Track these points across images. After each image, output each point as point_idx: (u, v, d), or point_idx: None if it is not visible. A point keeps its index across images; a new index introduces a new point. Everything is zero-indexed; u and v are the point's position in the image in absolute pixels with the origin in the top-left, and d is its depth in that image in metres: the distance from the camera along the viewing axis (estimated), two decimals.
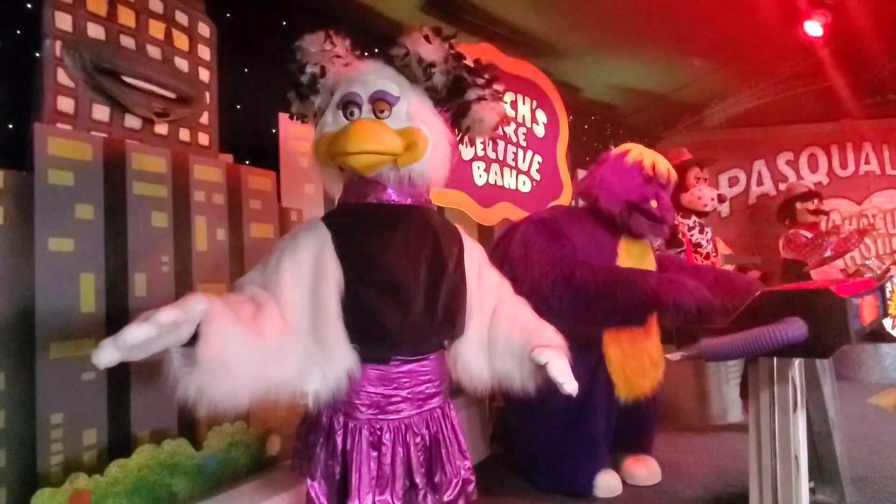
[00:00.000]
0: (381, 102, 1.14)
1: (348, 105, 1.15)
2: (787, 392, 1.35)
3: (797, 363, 1.36)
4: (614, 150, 1.97)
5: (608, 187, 1.86)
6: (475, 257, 1.28)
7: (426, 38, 1.15)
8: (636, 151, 1.91)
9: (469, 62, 1.18)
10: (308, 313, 1.07)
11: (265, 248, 1.70)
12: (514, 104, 2.78)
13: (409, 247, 1.15)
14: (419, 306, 1.13)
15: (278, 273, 1.08)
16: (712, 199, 2.82)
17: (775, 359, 1.36)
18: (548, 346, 1.13)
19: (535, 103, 2.87)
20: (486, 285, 1.27)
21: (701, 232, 2.89)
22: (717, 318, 1.62)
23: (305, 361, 1.05)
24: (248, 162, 1.89)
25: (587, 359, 1.78)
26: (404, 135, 1.14)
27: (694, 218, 2.89)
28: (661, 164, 1.92)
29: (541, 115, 2.92)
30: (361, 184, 1.18)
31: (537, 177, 2.85)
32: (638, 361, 1.86)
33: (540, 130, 2.91)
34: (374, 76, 1.16)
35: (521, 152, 2.79)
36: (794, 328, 1.20)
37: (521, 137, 2.80)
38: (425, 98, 1.19)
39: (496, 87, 1.21)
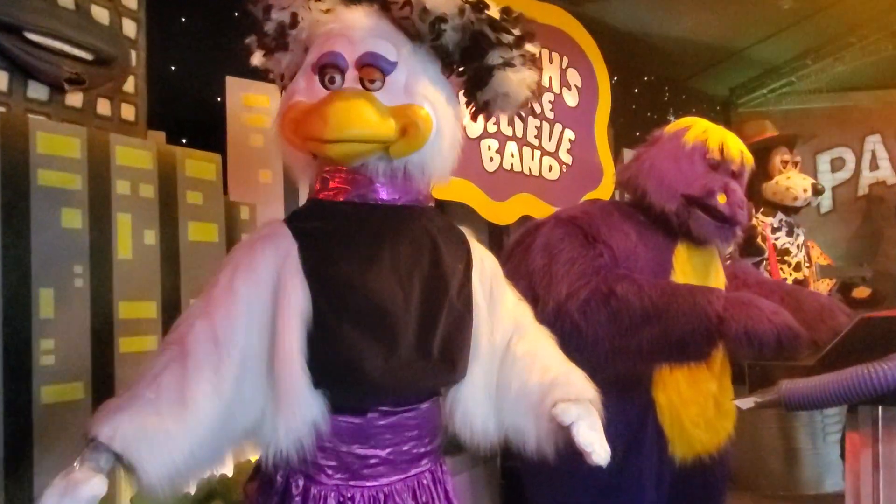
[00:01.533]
0: (371, 69, 1.14)
1: (327, 69, 1.15)
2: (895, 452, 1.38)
3: None
4: (670, 127, 1.99)
5: (660, 176, 1.87)
6: (487, 273, 1.30)
7: None
8: (698, 128, 1.93)
9: (493, 11, 1.18)
10: (266, 350, 1.10)
11: (207, 255, 1.79)
12: (536, 62, 2.76)
13: (401, 263, 1.16)
14: (409, 342, 1.14)
15: (230, 300, 1.10)
16: (805, 191, 2.87)
17: (880, 408, 1.39)
18: (575, 401, 1.16)
19: (565, 61, 2.93)
20: (499, 311, 1.30)
21: (790, 234, 2.93)
22: (805, 352, 1.66)
23: (262, 412, 1.09)
24: (185, 142, 1.96)
25: (630, 406, 1.81)
26: (400, 114, 1.14)
27: (780, 216, 2.93)
28: (733, 146, 1.93)
29: (573, 77, 2.96)
30: (340, 176, 1.19)
31: (568, 159, 2.90)
32: (700, 409, 1.87)
33: (572, 98, 2.95)
34: (363, 32, 1.17)
35: (546, 127, 2.82)
36: None
37: (547, 107, 2.84)
38: (430, 60, 1.20)
39: (529, 47, 1.21)
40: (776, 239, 2.89)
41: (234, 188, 2.00)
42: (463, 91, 1.25)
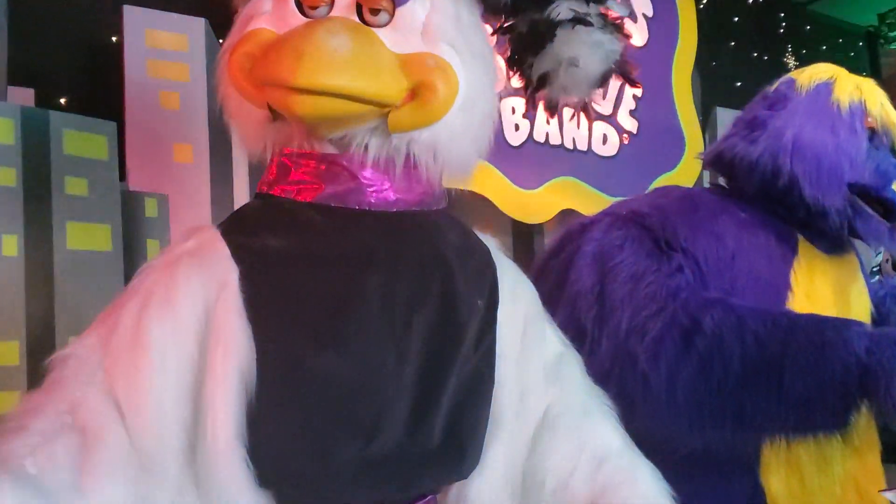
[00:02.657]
0: None
1: None
2: None
3: None
4: (802, 78, 2.00)
5: (817, 155, 1.88)
6: (518, 307, 1.29)
7: None
8: (846, 81, 1.97)
9: None
10: (189, 426, 1.09)
11: (95, 271, 1.81)
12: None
13: (396, 305, 1.15)
14: (399, 422, 1.15)
15: (137, 352, 1.08)
16: None
17: None
18: None
19: None
20: (533, 364, 1.29)
21: None
22: None
23: None
24: (63, 103, 1.99)
25: (730, 494, 1.82)
26: (412, 67, 1.14)
27: None
28: (891, 110, 1.97)
29: (641, 3, 3.00)
30: (308, 164, 1.19)
31: (632, 126, 2.94)
32: (832, 500, 1.89)
33: (639, 33, 2.98)
34: None
35: None
36: None
37: None
38: (466, 4, 1.22)
39: (616, 3, 1.23)
40: None
41: (136, 171, 2.04)
42: (509, 57, 1.26)
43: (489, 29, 1.21)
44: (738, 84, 3.83)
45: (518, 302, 1.29)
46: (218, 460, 1.07)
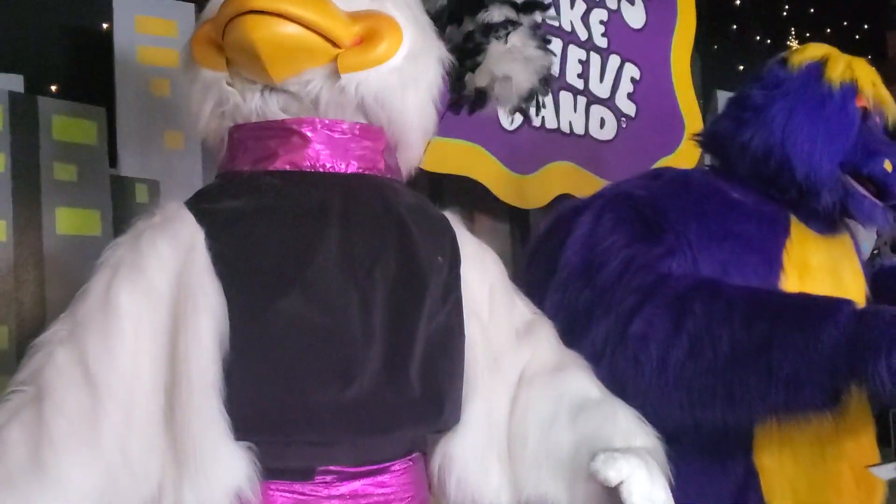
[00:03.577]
0: None
1: None
2: None
3: None
4: (795, 59, 2.03)
5: (809, 136, 1.91)
6: (485, 274, 1.39)
7: None
8: (838, 60, 1.99)
9: None
10: (165, 387, 1.16)
11: (85, 257, 1.81)
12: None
13: (355, 253, 1.23)
14: (373, 367, 1.21)
15: (109, 317, 1.15)
16: None
17: None
18: (623, 451, 1.21)
19: None
20: (504, 327, 1.39)
21: None
22: None
23: (159, 479, 1.14)
24: (54, 89, 2.00)
25: (721, 478, 1.85)
26: (359, 17, 1.25)
27: None
28: (883, 89, 2.00)
29: None
30: (263, 133, 1.28)
31: (630, 109, 2.94)
32: (826, 478, 1.89)
33: (637, 15, 3.00)
34: None
35: (596, 60, 2.86)
36: None
37: (598, 30, 2.89)
38: None
39: (544, 15, 1.33)
40: None
41: (127, 157, 2.05)
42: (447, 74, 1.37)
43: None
44: (741, 67, 3.84)
45: (485, 271, 1.38)
46: (194, 415, 1.12)
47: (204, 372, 1.14)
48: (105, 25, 2.14)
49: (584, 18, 2.86)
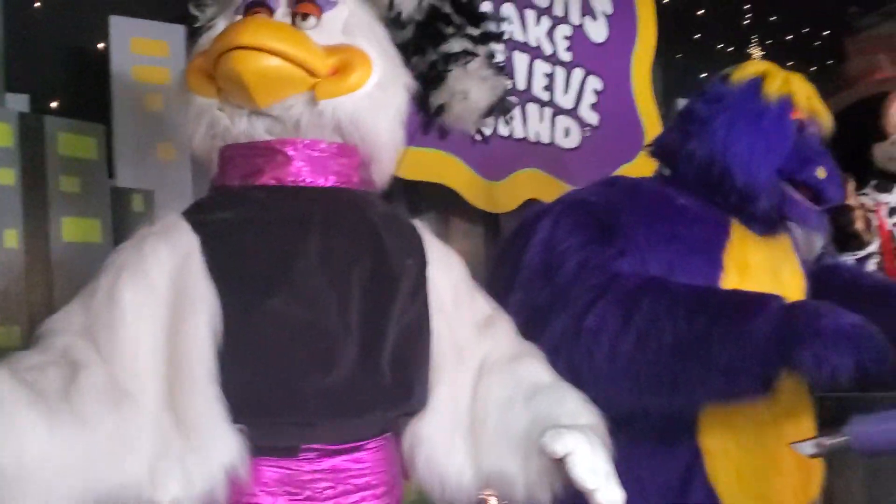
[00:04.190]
0: (305, 4, 1.40)
1: (253, 6, 1.40)
2: None
3: None
4: (735, 75, 2.14)
5: (748, 147, 2.02)
6: (450, 274, 1.51)
7: None
8: (777, 76, 2.10)
9: None
10: (164, 373, 1.28)
11: (88, 261, 1.92)
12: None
13: (333, 257, 1.35)
14: (351, 356, 1.32)
15: (114, 309, 1.27)
16: None
17: None
18: (568, 427, 1.32)
19: None
20: (466, 322, 1.51)
21: None
22: None
23: (158, 453, 1.24)
24: (55, 106, 2.15)
25: (669, 460, 1.96)
26: (334, 51, 1.39)
27: None
28: (818, 102, 2.12)
29: (601, 1, 3.12)
30: (250, 152, 1.41)
31: (593, 118, 3.06)
32: (767, 459, 1.98)
33: (599, 30, 3.12)
34: None
35: (561, 73, 2.97)
36: None
37: (563, 45, 3.00)
38: (379, 24, 1.47)
39: (496, 47, 1.47)
40: (894, 224, 3.00)
41: (124, 169, 2.17)
42: (413, 97, 1.50)
43: None
44: (702, 75, 3.92)
45: (450, 272, 1.51)
46: (194, 396, 1.25)
47: (202, 363, 1.25)
48: (102, 46, 2.25)
49: (550, 34, 2.97)
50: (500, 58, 1.52)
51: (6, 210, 1.87)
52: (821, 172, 2.04)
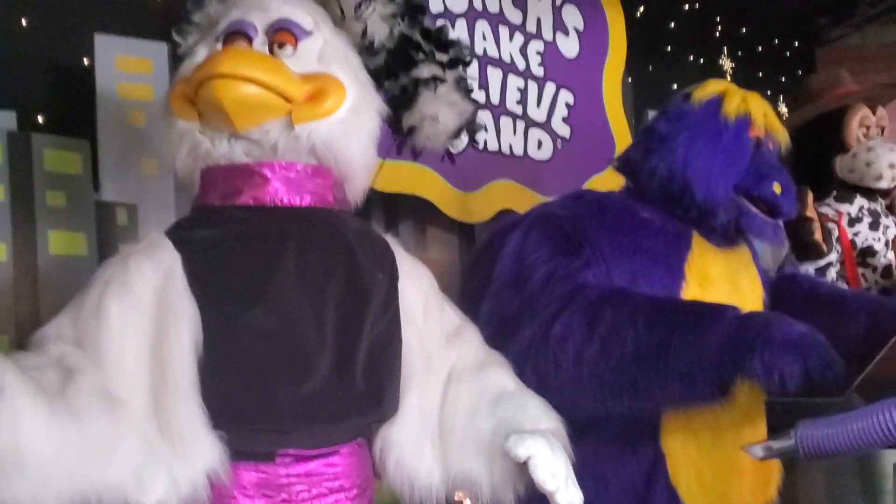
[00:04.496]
0: (282, 34, 1.48)
1: (233, 36, 1.49)
2: None
3: None
4: (695, 95, 2.22)
5: (707, 164, 2.09)
6: (419, 287, 1.60)
7: None
8: (735, 95, 2.18)
9: (430, 24, 1.55)
10: (148, 382, 1.33)
11: (73, 273, 1.99)
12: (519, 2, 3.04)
13: (309, 273, 1.42)
14: (326, 366, 1.40)
15: (100, 321, 1.33)
16: (892, 167, 2.97)
17: None
18: (531, 432, 1.40)
19: None
20: (435, 333, 1.59)
21: (874, 227, 3.04)
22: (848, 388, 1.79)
23: (144, 456, 1.29)
24: (41, 121, 2.16)
25: (632, 462, 2.02)
26: (310, 79, 1.46)
27: (860, 202, 3.05)
28: (775, 119, 2.22)
29: (571, 17, 3.21)
30: (229, 174, 1.49)
31: (565, 131, 3.13)
32: (726, 461, 2.05)
33: (570, 45, 3.20)
34: (279, 2, 1.51)
35: (533, 88, 3.05)
36: None
37: (535, 60, 3.08)
38: (353, 51, 1.55)
39: (464, 73, 1.56)
40: (855, 234, 3.03)
41: (109, 183, 2.22)
42: (387, 119, 1.58)
43: None
44: (674, 86, 3.96)
45: (419, 284, 1.60)
46: (177, 404, 1.32)
47: (184, 373, 1.32)
48: (87, 63, 2.29)
49: (523, 50, 3.04)
50: (472, 84, 1.58)
51: None
52: (776, 187, 2.13)
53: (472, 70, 2.81)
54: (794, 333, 1.79)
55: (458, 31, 2.88)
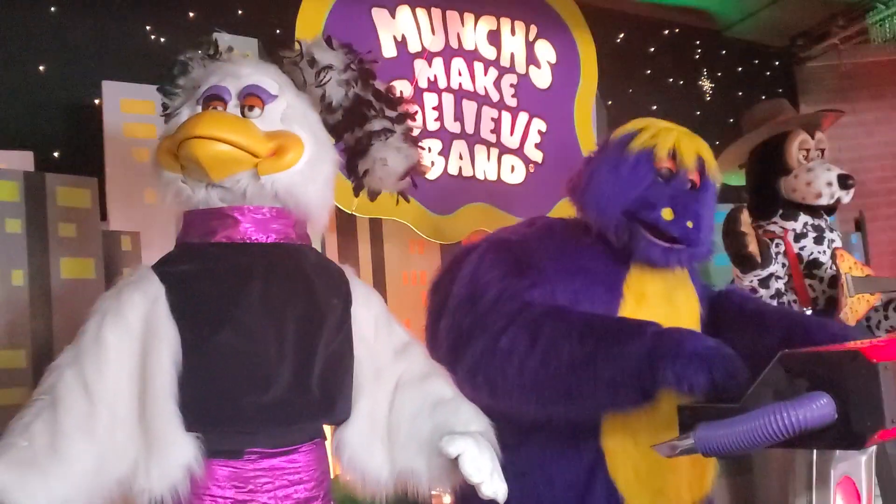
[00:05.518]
0: (251, 98, 1.69)
1: (211, 100, 1.66)
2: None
3: (846, 460, 1.71)
4: (619, 130, 2.33)
5: (599, 189, 2.20)
6: (370, 310, 1.78)
7: (328, 41, 1.73)
8: (649, 131, 2.24)
9: (380, 86, 1.74)
10: (138, 395, 1.50)
11: (83, 294, 2.20)
12: (493, 36, 3.15)
13: (272, 299, 1.59)
14: (285, 378, 1.55)
15: (100, 349, 1.51)
16: (829, 185, 3.12)
17: (815, 453, 1.72)
18: (462, 433, 1.57)
19: (533, 31, 3.29)
20: (384, 349, 1.76)
21: (819, 241, 3.19)
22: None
23: (137, 454, 1.49)
24: (56, 157, 2.43)
25: (574, 460, 2.12)
26: (273, 137, 1.64)
27: (804, 218, 3.20)
28: (688, 152, 2.24)
29: (544, 51, 3.32)
30: (206, 216, 1.67)
31: (537, 156, 3.23)
32: (662, 458, 1.94)
33: (543, 77, 3.30)
34: (251, 69, 1.71)
35: (507, 118, 3.17)
36: (813, 408, 1.51)
37: (508, 92, 3.20)
38: (313, 111, 1.74)
39: (410, 125, 1.75)
40: (801, 248, 3.17)
41: (115, 213, 2.43)
42: (344, 165, 1.80)
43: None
44: (653, 108, 4.02)
45: (370, 308, 1.79)
46: (158, 413, 1.50)
47: (164, 385, 1.50)
48: (97, 102, 2.52)
49: (496, 83, 3.17)
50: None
51: (14, 253, 2.13)
52: (667, 214, 2.16)
53: (448, 103, 3.06)
54: (701, 347, 1.88)
55: (436, 68, 3.04)
